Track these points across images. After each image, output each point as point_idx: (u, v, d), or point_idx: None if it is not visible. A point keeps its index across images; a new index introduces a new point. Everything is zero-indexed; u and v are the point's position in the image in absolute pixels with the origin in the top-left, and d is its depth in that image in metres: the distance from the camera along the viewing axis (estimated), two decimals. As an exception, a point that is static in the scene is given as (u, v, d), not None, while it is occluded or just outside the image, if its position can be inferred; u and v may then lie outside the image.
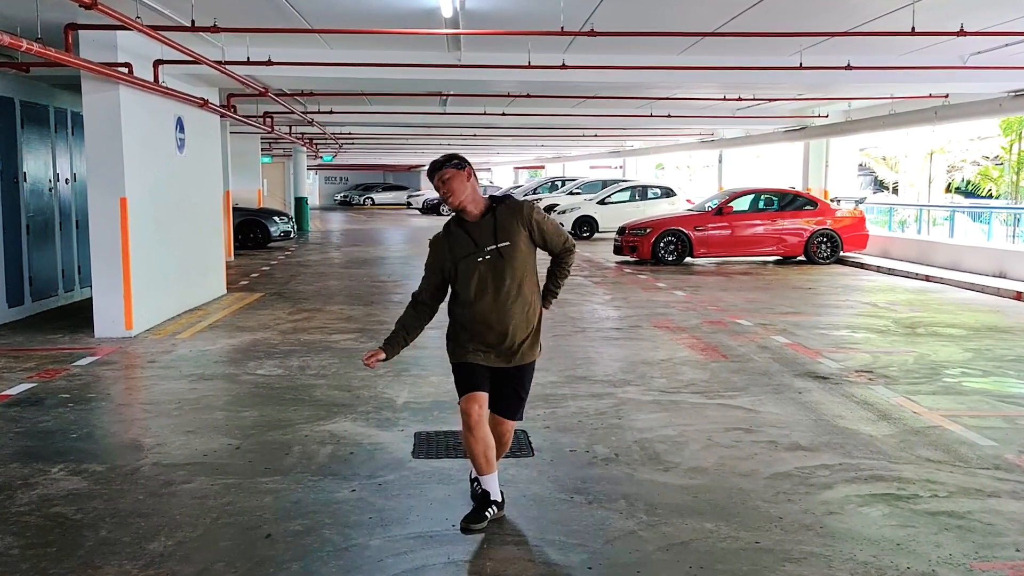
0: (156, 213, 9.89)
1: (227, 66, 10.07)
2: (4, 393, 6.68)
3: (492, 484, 4.11)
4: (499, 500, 4.14)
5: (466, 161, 3.98)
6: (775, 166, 32.45)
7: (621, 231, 17.51)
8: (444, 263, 4.00)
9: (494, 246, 3.91)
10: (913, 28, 8.48)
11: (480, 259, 3.91)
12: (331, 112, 17.49)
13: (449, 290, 4.10)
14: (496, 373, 4.04)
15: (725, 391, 6.75)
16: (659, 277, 14.71)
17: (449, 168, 3.91)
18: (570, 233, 4.24)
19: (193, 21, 8.07)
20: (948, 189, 32.01)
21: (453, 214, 4.06)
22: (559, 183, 31.31)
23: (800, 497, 4.49)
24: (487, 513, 4.06)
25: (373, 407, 6.24)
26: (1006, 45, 10.21)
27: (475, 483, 4.20)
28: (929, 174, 30.40)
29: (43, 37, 7.50)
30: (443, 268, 4.02)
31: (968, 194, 31.01)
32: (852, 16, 8.97)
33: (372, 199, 54.60)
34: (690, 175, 42.91)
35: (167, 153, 10.48)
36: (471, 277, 3.92)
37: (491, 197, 4.08)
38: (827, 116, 18.48)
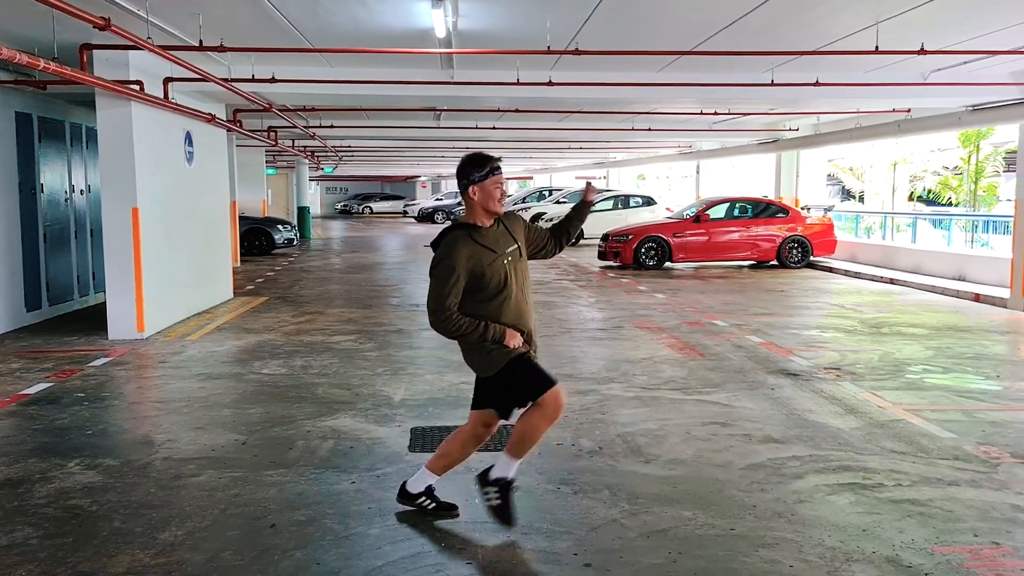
0: (166, 222, 9.87)
1: (233, 83, 10.05)
2: (23, 392, 6.66)
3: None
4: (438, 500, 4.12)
5: None
6: (749, 176, 32.51)
7: (605, 238, 17.53)
8: (476, 266, 3.66)
9: (515, 247, 3.80)
10: (877, 47, 8.53)
11: (506, 260, 3.75)
12: (331, 126, 17.46)
13: (471, 299, 3.70)
14: None
15: (702, 387, 6.78)
16: (640, 281, 14.75)
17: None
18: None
19: (201, 41, 8.06)
20: (911, 197, 32.12)
21: (456, 222, 3.79)
22: (546, 192, 31.44)
23: (772, 486, 4.51)
24: (423, 504, 4.08)
25: (371, 404, 6.24)
26: (964, 63, 10.27)
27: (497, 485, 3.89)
28: (893, 183, 30.52)
29: (59, 56, 7.47)
30: (474, 271, 3.66)
31: (929, 202, 31.12)
32: (820, 36, 9.02)
33: (371, 208, 54.48)
34: (670, 185, 42.91)
35: (177, 165, 10.46)
36: (501, 275, 3.71)
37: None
38: (798, 129, 18.54)
